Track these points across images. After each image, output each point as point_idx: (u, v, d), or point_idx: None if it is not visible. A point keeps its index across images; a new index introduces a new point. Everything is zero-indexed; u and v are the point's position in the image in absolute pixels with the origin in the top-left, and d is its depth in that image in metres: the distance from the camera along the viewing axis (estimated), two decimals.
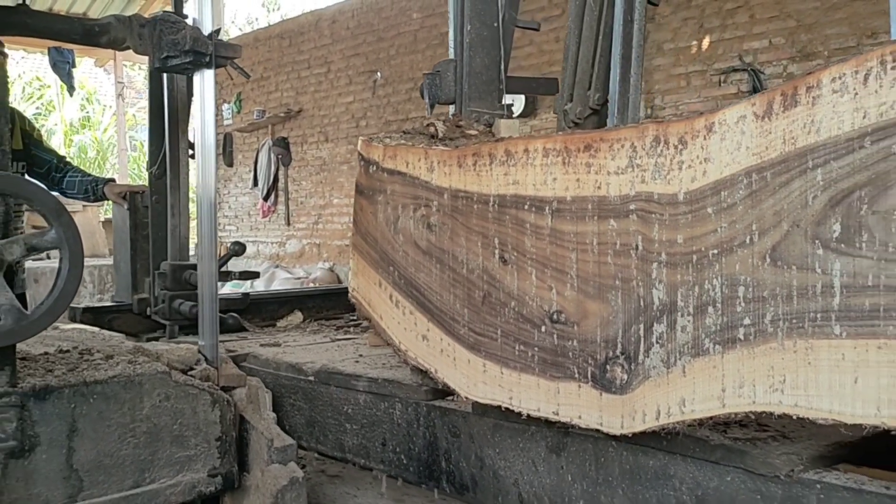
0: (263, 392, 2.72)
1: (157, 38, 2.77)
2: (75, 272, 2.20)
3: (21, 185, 2.19)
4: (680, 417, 1.66)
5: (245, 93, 13.55)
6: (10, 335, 2.13)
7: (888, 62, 1.39)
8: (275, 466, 2.48)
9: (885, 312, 1.40)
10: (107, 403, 2.36)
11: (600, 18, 2.28)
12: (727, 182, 1.59)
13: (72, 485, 2.32)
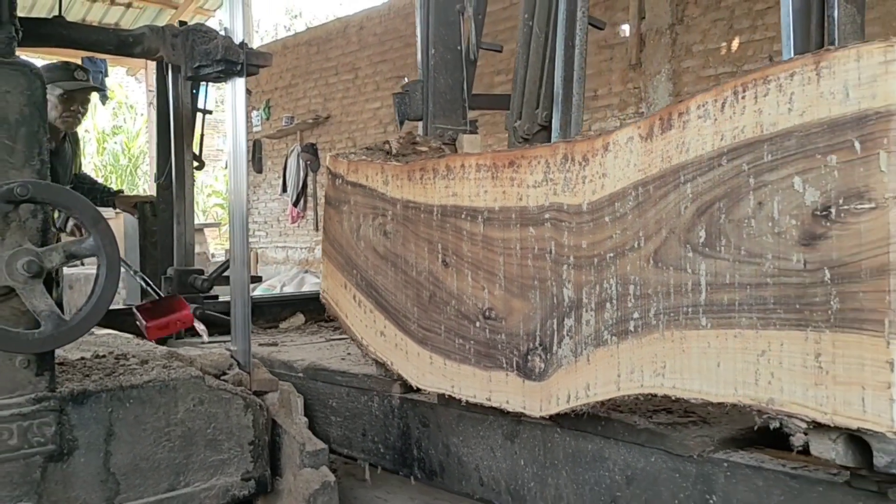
0: (295, 396, 2.82)
1: (190, 48, 2.92)
2: (112, 279, 2.26)
3: (60, 194, 2.24)
4: (585, 400, 1.96)
5: (274, 99, 14.02)
6: (51, 341, 2.18)
7: (739, 92, 1.69)
8: (307, 470, 2.58)
9: (739, 306, 1.70)
10: (142, 407, 2.44)
11: (546, 43, 2.59)
12: (620, 194, 1.89)
13: (109, 488, 2.39)
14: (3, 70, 2.29)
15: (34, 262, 2.17)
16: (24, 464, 2.27)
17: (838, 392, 1.56)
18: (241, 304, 2.80)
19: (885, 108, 1.48)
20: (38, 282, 2.19)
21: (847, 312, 1.54)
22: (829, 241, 1.56)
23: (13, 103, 2.29)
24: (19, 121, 2.28)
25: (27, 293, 2.17)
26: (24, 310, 2.22)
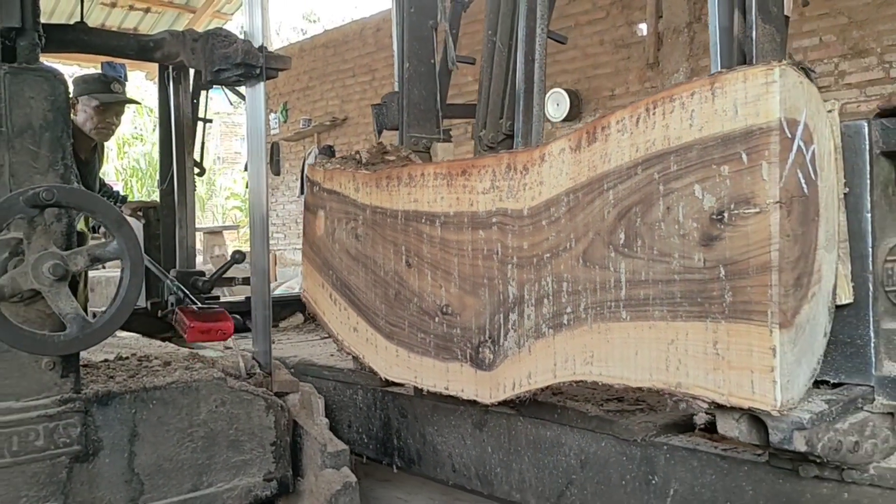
0: (316, 398, 2.86)
1: (210, 52, 2.98)
2: (136, 282, 2.28)
3: (85, 198, 2.27)
4: (528, 387, 2.21)
5: (291, 102, 14.35)
6: (76, 343, 2.21)
7: (651, 109, 1.93)
8: (328, 471, 2.64)
9: (652, 300, 1.94)
10: (165, 409, 2.48)
11: (508, 57, 2.84)
12: (554, 200, 2.14)
13: (133, 488, 2.44)
14: (28, 76, 2.34)
15: (59, 266, 2.20)
16: (51, 464, 2.32)
17: (732, 376, 1.80)
18: (261, 307, 2.86)
19: (766, 124, 1.73)
20: (64, 285, 2.22)
21: (738, 305, 1.78)
22: (724, 242, 1.80)
23: (37, 109, 2.34)
24: (43, 126, 2.34)
25: (53, 296, 2.20)
26: (50, 312, 2.26)
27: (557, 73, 10.68)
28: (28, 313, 2.27)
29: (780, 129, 1.71)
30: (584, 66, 10.46)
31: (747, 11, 2.15)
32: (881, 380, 1.95)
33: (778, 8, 2.22)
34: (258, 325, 2.91)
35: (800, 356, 1.78)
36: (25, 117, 2.32)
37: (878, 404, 1.96)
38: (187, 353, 2.88)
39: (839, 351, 2.01)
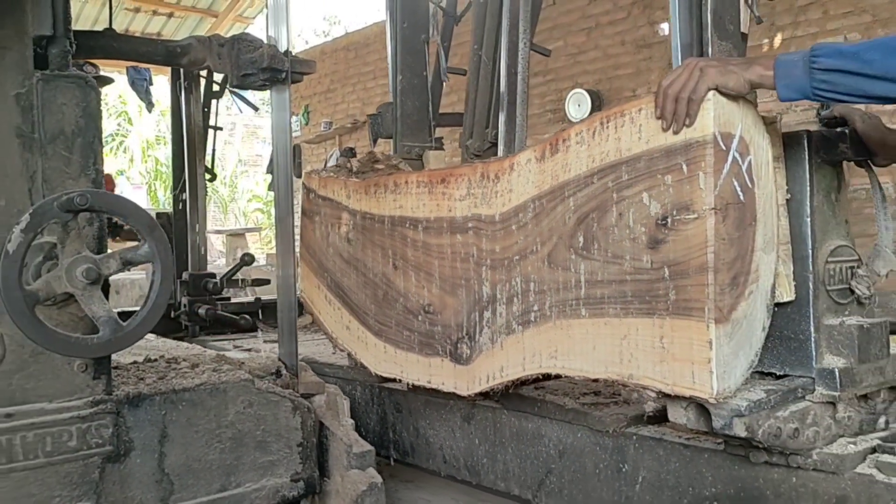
0: (342, 399, 2.92)
1: (236, 57, 3.07)
2: (166, 285, 2.32)
3: (117, 203, 2.30)
4: (500, 380, 2.43)
5: (312, 105, 14.63)
6: (109, 345, 2.26)
7: (605, 122, 2.14)
8: (354, 472, 2.70)
9: (608, 299, 2.15)
10: (194, 410, 2.52)
11: (493, 69, 3.06)
12: (522, 206, 2.36)
13: (163, 488, 2.49)
14: (60, 83, 2.39)
15: (92, 269, 2.24)
16: (84, 464, 2.37)
17: (676, 367, 2.00)
18: (287, 309, 2.92)
19: (702, 138, 1.93)
20: (97, 288, 2.26)
21: (680, 302, 1.99)
22: (668, 245, 2.01)
23: (69, 115, 2.39)
24: (75, 132, 2.38)
25: (86, 299, 2.25)
26: (82, 315, 2.30)
27: (579, 74, 10.82)
28: (61, 316, 2.32)
29: (714, 143, 1.91)
30: (606, 66, 10.49)
31: (703, 29, 2.34)
32: (821, 372, 2.15)
33: (734, 25, 2.41)
34: (284, 327, 2.99)
35: (737, 349, 1.98)
36: (58, 123, 2.38)
37: (819, 394, 2.15)
38: (214, 355, 2.98)
39: (784, 345, 2.21)
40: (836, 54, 1.83)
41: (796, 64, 1.86)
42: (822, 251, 2.19)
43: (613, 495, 2.64)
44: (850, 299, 2.24)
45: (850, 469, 2.12)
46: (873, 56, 1.78)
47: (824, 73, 1.82)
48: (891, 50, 1.79)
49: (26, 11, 2.34)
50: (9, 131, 2.32)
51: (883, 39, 1.85)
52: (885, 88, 1.77)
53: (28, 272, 2.24)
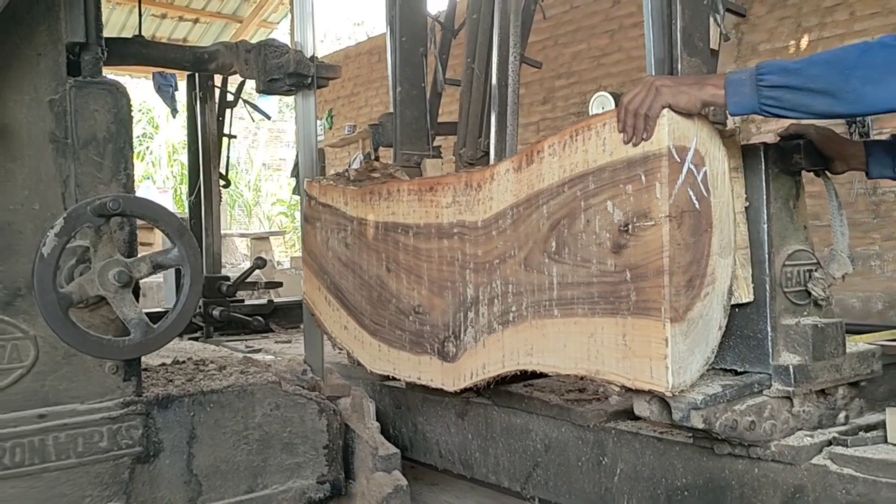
0: (367, 401, 2.99)
1: (262, 63, 3.20)
2: (196, 289, 2.38)
3: (148, 207, 2.37)
4: (483, 376, 2.62)
5: (336, 109, 14.89)
6: (140, 347, 2.33)
7: (574, 136, 2.33)
8: (379, 474, 2.78)
9: (577, 300, 2.34)
10: (222, 412, 2.59)
11: (486, 81, 3.26)
12: (502, 214, 2.55)
13: (192, 489, 2.56)
14: (92, 89, 2.46)
15: (124, 273, 2.30)
16: (114, 465, 2.44)
17: (636, 363, 2.19)
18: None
19: (659, 151, 2.12)
20: (128, 291, 2.33)
21: (640, 303, 2.17)
22: (629, 250, 2.19)
23: (101, 121, 2.46)
24: (107, 138, 2.46)
25: (118, 302, 2.31)
26: (113, 318, 2.39)
27: (602, 77, 10.90)
28: (92, 318, 2.40)
29: (668, 155, 2.10)
30: (629, 69, 10.52)
31: (673, 46, 2.52)
32: (777, 368, 2.32)
33: (704, 42, 2.59)
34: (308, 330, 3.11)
35: (693, 346, 2.16)
36: (90, 129, 2.45)
37: (775, 389, 2.32)
38: (241, 358, 3.06)
39: (743, 343, 2.39)
40: (780, 71, 2.00)
41: (745, 82, 2.04)
42: (780, 255, 2.37)
43: (594, 487, 2.82)
44: (808, 301, 2.41)
45: (805, 460, 2.29)
46: (814, 72, 1.94)
47: (770, 90, 1.99)
48: (830, 65, 1.95)
49: (60, 19, 2.44)
50: (43, 137, 2.42)
51: (823, 55, 2.01)
52: (826, 103, 1.93)
53: (61, 275, 2.31)
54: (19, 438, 2.34)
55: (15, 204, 2.39)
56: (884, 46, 1.84)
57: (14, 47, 2.39)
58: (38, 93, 2.42)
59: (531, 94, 11.53)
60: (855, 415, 2.53)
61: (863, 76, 1.84)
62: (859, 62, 1.86)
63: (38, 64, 2.42)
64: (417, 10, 3.48)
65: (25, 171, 2.40)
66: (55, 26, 2.44)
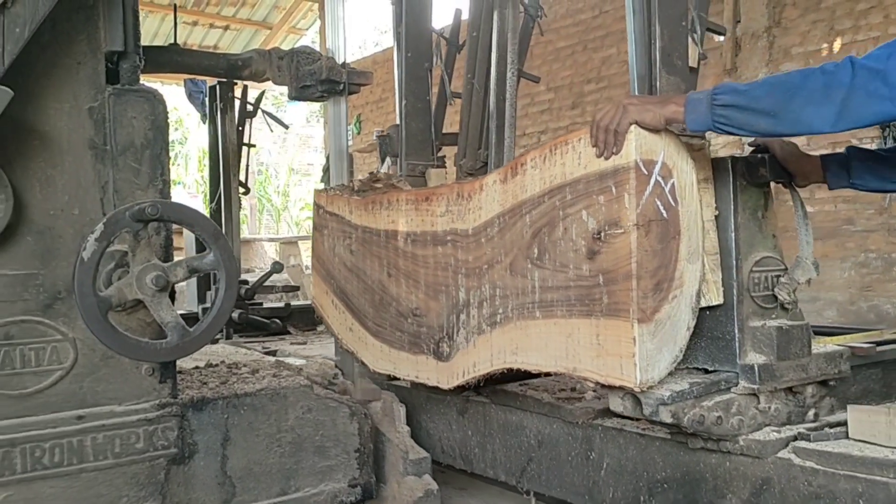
0: (398, 405, 3.11)
1: (295, 69, 3.36)
2: (230, 293, 2.44)
3: (184, 212, 2.43)
4: (473, 374, 2.84)
5: (364, 114, 15.16)
6: (177, 350, 2.39)
7: (553, 150, 2.55)
8: (410, 478, 2.87)
9: (556, 302, 2.55)
10: (255, 414, 2.66)
11: (485, 96, 3.48)
12: (490, 222, 2.77)
13: (226, 490, 2.61)
14: (130, 97, 2.53)
15: (161, 277, 2.37)
16: (150, 466, 2.51)
17: (609, 361, 2.39)
18: None
19: (627, 164, 2.33)
20: (165, 295, 2.39)
21: (612, 305, 2.38)
22: (602, 256, 2.40)
23: (139, 128, 2.52)
24: (144, 144, 2.53)
25: (155, 305, 2.37)
26: (149, 321, 2.46)
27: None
28: (129, 322, 2.47)
29: (636, 168, 2.30)
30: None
31: (653, 65, 2.73)
32: (743, 367, 2.51)
33: (682, 61, 2.79)
34: None
35: (661, 345, 2.36)
36: (128, 136, 2.52)
37: (742, 387, 2.51)
38: (273, 361, 3.22)
39: (713, 344, 2.58)
40: (731, 91, 2.20)
41: (701, 101, 2.24)
42: (748, 261, 2.56)
43: (583, 480, 3.02)
44: (775, 304, 2.60)
45: (771, 454, 2.48)
46: (760, 93, 2.14)
47: (722, 109, 2.19)
48: (775, 88, 2.14)
49: (99, 28, 2.52)
50: (82, 143, 2.48)
51: (771, 78, 2.21)
52: (770, 123, 2.13)
53: (100, 279, 2.38)
54: (58, 439, 2.41)
55: (55, 209, 2.47)
56: (824, 73, 2.03)
57: (54, 56, 2.48)
58: (77, 100, 2.50)
59: (560, 99, 11.71)
60: (826, 413, 2.70)
61: (803, 100, 2.03)
62: (800, 86, 2.05)
63: (77, 72, 2.50)
64: (423, 26, 3.70)
65: (65, 178, 2.48)
66: (94, 35, 2.52)
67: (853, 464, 2.30)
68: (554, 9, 11.55)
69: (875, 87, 1.94)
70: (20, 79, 2.32)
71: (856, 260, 8.54)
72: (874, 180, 2.54)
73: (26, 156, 2.45)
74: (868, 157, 2.54)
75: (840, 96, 1.99)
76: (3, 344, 2.40)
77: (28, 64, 2.40)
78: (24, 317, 2.43)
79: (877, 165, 2.51)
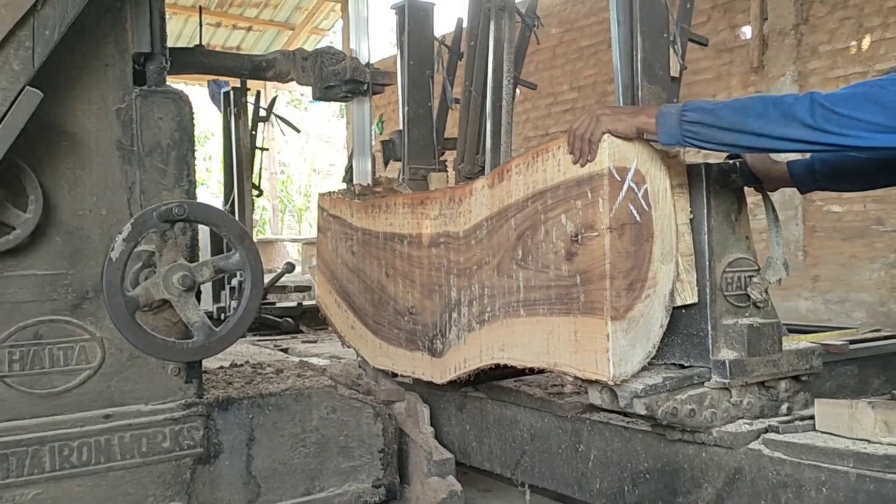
0: (422, 406, 3.18)
1: (319, 70, 3.45)
2: (256, 292, 2.49)
3: (211, 213, 2.46)
4: (464, 370, 3.05)
5: (387, 114, 15.38)
6: (203, 350, 2.44)
7: (536, 157, 2.74)
8: (434, 479, 2.91)
9: (539, 301, 2.75)
10: (280, 414, 2.70)
11: (482, 103, 3.69)
12: (479, 225, 2.97)
13: (251, 490, 2.66)
14: (156, 98, 2.58)
15: (188, 277, 2.42)
16: (176, 465, 2.56)
17: (585, 356, 2.59)
18: None
19: (601, 171, 2.52)
20: (191, 295, 2.44)
21: (588, 303, 2.57)
22: (579, 257, 2.60)
23: (165, 129, 2.57)
24: (170, 145, 2.57)
25: (181, 305, 2.43)
26: (175, 321, 2.51)
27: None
28: (156, 322, 2.53)
29: (609, 175, 2.50)
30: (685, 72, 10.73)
31: (634, 75, 2.92)
32: (716, 363, 2.69)
33: (664, 71, 2.98)
34: None
35: (633, 341, 2.55)
36: (154, 137, 2.56)
37: (714, 381, 2.69)
38: (298, 362, 3.33)
39: (688, 341, 2.77)
40: (699, 110, 2.39)
41: (672, 116, 2.43)
42: (721, 263, 2.74)
43: (572, 472, 3.21)
44: (748, 303, 2.78)
45: (742, 445, 2.66)
46: (724, 113, 2.34)
47: (690, 125, 2.39)
48: (737, 109, 2.34)
49: (127, 30, 2.58)
50: (110, 144, 2.53)
51: (736, 101, 2.40)
52: (733, 137, 2.32)
53: (127, 279, 2.43)
54: (86, 438, 2.48)
55: (83, 209, 2.53)
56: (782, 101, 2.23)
57: (83, 58, 2.53)
58: (105, 102, 2.55)
59: (584, 98, 11.83)
60: (800, 407, 2.87)
61: (762, 123, 2.23)
62: (761, 112, 2.25)
63: (105, 74, 2.55)
64: (424, 36, 3.92)
65: (93, 178, 2.53)
66: (122, 38, 2.58)
67: (817, 454, 2.47)
68: (577, 7, 11.68)
69: (827, 125, 2.13)
70: (50, 81, 2.39)
71: (885, 261, 8.60)
72: (840, 182, 2.72)
73: (55, 157, 2.51)
74: (831, 160, 2.72)
75: (795, 125, 2.19)
76: (32, 343, 2.47)
77: (57, 66, 2.45)
78: (52, 316, 2.50)
79: (840, 168, 2.68)
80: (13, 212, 2.42)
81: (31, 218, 2.41)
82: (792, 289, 9.11)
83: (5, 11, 2.19)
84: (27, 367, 2.45)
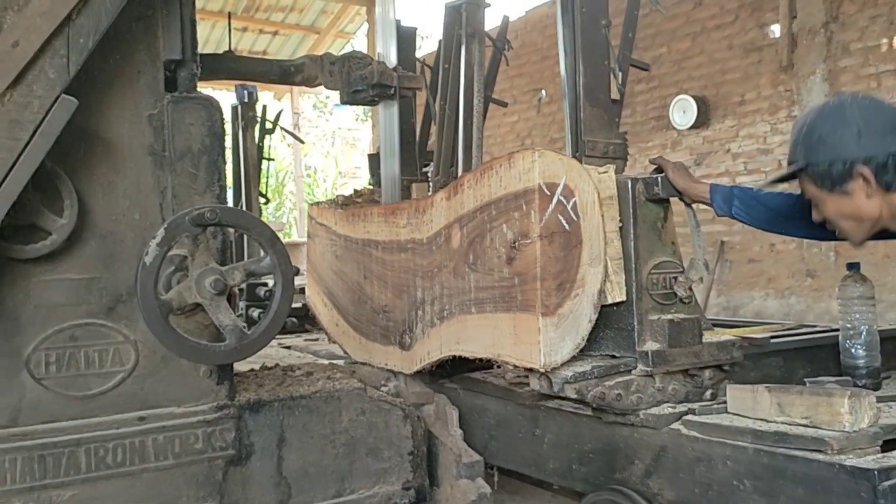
0: (451, 408, 3.27)
1: (347, 74, 3.51)
2: (287, 295, 2.56)
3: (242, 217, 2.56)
4: (428, 361, 3.53)
5: None
6: (235, 353, 2.49)
7: (483, 173, 3.22)
8: (463, 482, 2.97)
9: (486, 300, 3.23)
10: (310, 416, 2.76)
11: (456, 119, 4.16)
12: (438, 233, 3.46)
13: (282, 491, 2.71)
14: (188, 104, 2.64)
15: (219, 281, 2.47)
16: (208, 466, 2.61)
17: (523, 347, 3.06)
18: None
19: (533, 186, 2.99)
20: (223, 298, 2.49)
21: (524, 301, 3.05)
22: (517, 261, 3.07)
23: (196, 134, 2.63)
24: (201, 150, 2.64)
25: (213, 309, 2.47)
26: (207, 324, 2.57)
27: (684, 80, 11.29)
28: (188, 325, 2.58)
29: (539, 190, 2.97)
30: (712, 71, 10.96)
31: (578, 98, 3.38)
32: (641, 353, 3.14)
33: (604, 95, 3.43)
34: None
35: (563, 335, 3.02)
36: (185, 142, 2.62)
37: (639, 370, 3.14)
38: (327, 364, 3.44)
39: (618, 334, 3.22)
40: None
41: None
42: (647, 265, 3.19)
43: (531, 454, 3.65)
44: (675, 300, 3.22)
45: (665, 426, 3.10)
46: None
47: None
48: None
49: (158, 37, 2.67)
50: (142, 150, 2.60)
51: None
52: None
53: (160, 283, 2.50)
54: (121, 440, 2.55)
55: (117, 214, 2.61)
56: None
57: (116, 65, 2.61)
58: (138, 108, 2.62)
59: None
60: (723, 393, 3.30)
61: None
62: None
63: (138, 80, 2.63)
64: (408, 57, 4.40)
65: (126, 183, 2.61)
66: (154, 45, 2.66)
67: (722, 432, 2.90)
68: None
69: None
70: (84, 88, 2.48)
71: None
72: (755, 220, 3.14)
73: (90, 163, 2.58)
74: (751, 198, 3.13)
75: None
76: (68, 346, 2.54)
77: (91, 74, 2.54)
78: (88, 319, 2.58)
79: (759, 208, 3.10)
80: (49, 217, 2.50)
81: (67, 223, 2.50)
82: (824, 290, 9.28)
83: (41, 21, 2.26)
84: (63, 369, 2.53)
